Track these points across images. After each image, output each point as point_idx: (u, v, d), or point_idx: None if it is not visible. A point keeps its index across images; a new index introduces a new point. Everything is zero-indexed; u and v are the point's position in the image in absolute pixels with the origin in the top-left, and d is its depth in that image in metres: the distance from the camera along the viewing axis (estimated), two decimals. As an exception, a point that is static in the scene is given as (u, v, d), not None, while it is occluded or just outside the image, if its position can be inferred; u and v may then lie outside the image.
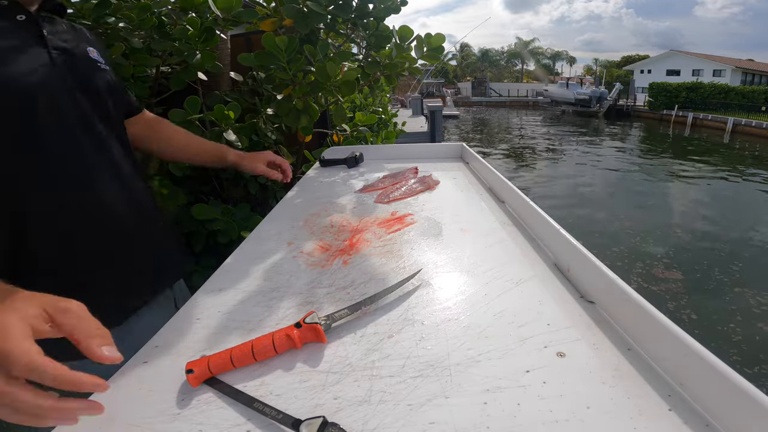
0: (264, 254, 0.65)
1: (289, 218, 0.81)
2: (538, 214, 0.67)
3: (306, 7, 1.09)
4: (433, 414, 0.34)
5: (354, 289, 0.54)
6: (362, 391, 0.36)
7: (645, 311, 0.40)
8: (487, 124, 23.69)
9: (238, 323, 0.47)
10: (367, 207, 0.86)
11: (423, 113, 11.00)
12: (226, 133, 1.22)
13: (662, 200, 8.23)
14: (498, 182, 0.91)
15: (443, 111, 7.93)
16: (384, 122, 2.88)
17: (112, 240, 0.66)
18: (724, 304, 4.22)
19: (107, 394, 0.38)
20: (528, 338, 0.42)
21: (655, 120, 22.95)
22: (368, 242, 0.68)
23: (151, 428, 0.34)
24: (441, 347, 0.42)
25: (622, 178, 10.11)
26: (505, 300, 0.50)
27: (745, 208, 7.77)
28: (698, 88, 21.91)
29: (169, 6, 1.18)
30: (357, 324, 0.46)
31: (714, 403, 0.32)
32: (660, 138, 17.51)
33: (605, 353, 0.40)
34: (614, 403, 0.34)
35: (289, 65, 1.11)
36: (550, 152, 13.73)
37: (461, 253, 0.63)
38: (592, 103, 27.57)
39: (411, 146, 1.37)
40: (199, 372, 0.38)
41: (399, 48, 1.25)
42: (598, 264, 0.48)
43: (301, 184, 1.08)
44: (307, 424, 0.32)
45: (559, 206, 7.56)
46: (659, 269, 4.98)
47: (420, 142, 5.63)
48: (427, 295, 0.52)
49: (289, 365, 0.40)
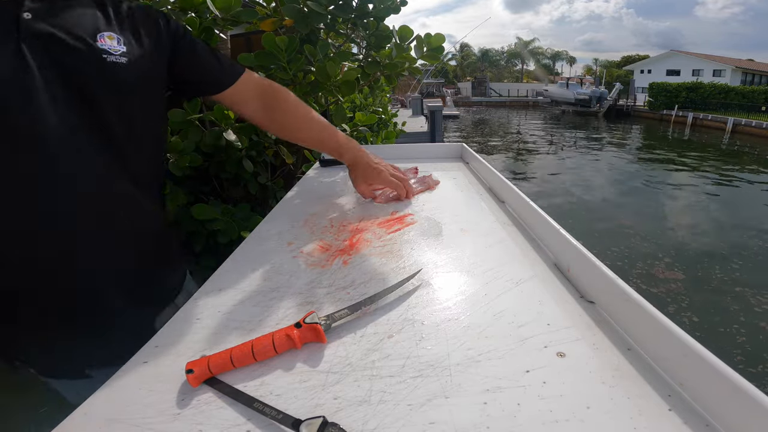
0: (264, 254, 0.65)
1: (289, 218, 0.81)
2: (538, 214, 0.67)
3: (306, 7, 1.09)
4: (433, 414, 0.34)
5: (354, 289, 0.54)
6: (362, 391, 0.36)
7: (645, 311, 0.40)
8: (487, 124, 23.68)
9: (238, 323, 0.47)
10: (367, 207, 0.86)
11: (423, 113, 11.01)
12: (226, 133, 1.22)
13: (662, 200, 8.22)
14: (498, 182, 0.91)
15: (443, 111, 7.93)
16: (384, 122, 2.88)
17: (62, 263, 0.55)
18: (725, 303, 4.22)
19: (107, 395, 0.38)
20: (528, 338, 0.42)
21: (655, 120, 22.96)
22: (368, 242, 0.68)
23: (151, 428, 0.34)
24: (441, 347, 0.42)
25: (621, 177, 10.11)
26: (505, 300, 0.50)
27: (745, 207, 7.77)
28: (698, 88, 21.92)
29: (168, 6, 1.18)
30: (357, 324, 0.46)
31: (714, 403, 0.32)
32: (660, 138, 17.51)
33: (605, 353, 0.40)
34: (614, 403, 0.34)
35: (289, 65, 1.11)
36: (550, 152, 13.72)
37: (461, 253, 0.63)
38: (592, 103, 27.58)
39: (411, 146, 1.36)
40: (199, 372, 0.38)
41: (399, 48, 1.25)
42: (598, 264, 0.48)
43: (301, 184, 1.08)
44: (307, 424, 0.32)
45: (558, 206, 7.56)
46: (659, 269, 4.98)
47: (420, 142, 5.63)
48: (427, 295, 0.52)
49: (289, 365, 0.40)
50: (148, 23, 0.63)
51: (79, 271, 0.56)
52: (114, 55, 0.56)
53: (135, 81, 0.58)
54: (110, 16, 0.58)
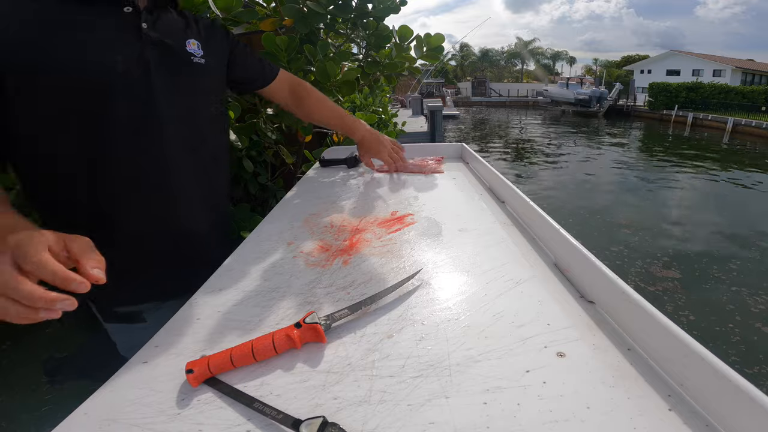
0: (264, 254, 0.65)
1: (289, 218, 0.81)
2: (538, 214, 0.67)
3: (306, 7, 1.09)
4: (433, 414, 0.34)
5: (354, 289, 0.54)
6: (362, 391, 0.36)
7: (645, 311, 0.40)
8: (487, 124, 23.70)
9: (238, 323, 0.47)
10: (367, 207, 0.86)
11: (423, 113, 11.01)
12: (226, 133, 1.22)
13: (662, 200, 8.23)
14: (498, 182, 0.91)
15: (443, 111, 7.93)
16: (384, 122, 2.88)
17: (176, 239, 0.71)
18: (722, 303, 4.22)
19: (107, 395, 0.38)
20: (528, 338, 0.42)
21: (655, 120, 22.96)
22: (368, 242, 0.68)
23: (151, 428, 0.34)
24: (441, 347, 0.42)
25: (621, 177, 10.11)
26: (505, 300, 0.50)
27: (745, 207, 7.78)
28: (698, 88, 21.92)
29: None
30: (357, 324, 0.46)
31: (714, 403, 0.32)
32: (660, 138, 17.52)
33: (605, 353, 0.40)
34: (614, 403, 0.34)
35: (289, 65, 1.11)
36: (550, 152, 13.73)
37: (461, 253, 0.63)
38: (592, 103, 27.57)
39: (411, 146, 1.36)
40: (199, 372, 0.38)
41: (399, 48, 1.25)
42: (598, 264, 0.48)
43: (301, 184, 1.08)
44: (307, 424, 0.32)
45: (558, 206, 7.57)
46: (657, 268, 4.98)
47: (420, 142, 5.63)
48: (427, 295, 0.52)
49: (289, 365, 0.40)
50: (215, 33, 0.78)
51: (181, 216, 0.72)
52: (197, 57, 0.70)
53: (211, 78, 0.75)
54: (191, 26, 0.73)
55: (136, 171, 0.65)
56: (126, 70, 0.60)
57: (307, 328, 0.42)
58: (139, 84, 0.62)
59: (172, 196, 0.69)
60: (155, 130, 0.65)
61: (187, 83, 0.69)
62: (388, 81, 1.41)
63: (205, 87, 0.74)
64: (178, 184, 0.69)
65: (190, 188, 0.71)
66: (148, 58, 0.62)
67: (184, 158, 0.69)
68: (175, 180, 0.69)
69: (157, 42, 0.64)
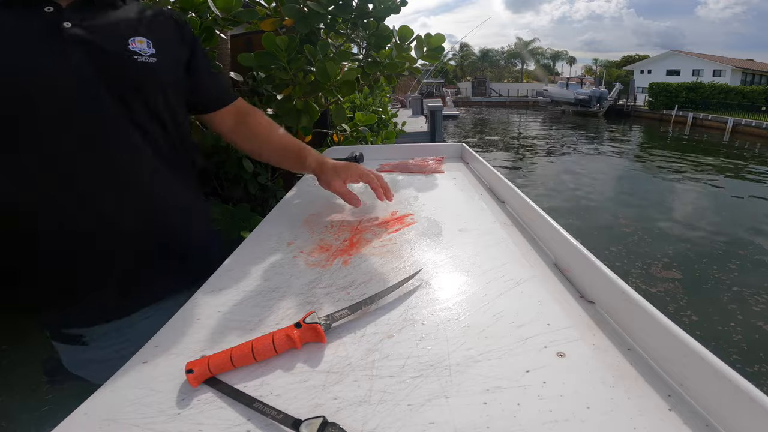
0: (264, 254, 0.65)
1: (289, 218, 0.81)
2: (538, 214, 0.67)
3: (306, 7, 1.09)
4: (433, 414, 0.34)
5: (354, 289, 0.54)
6: (362, 391, 0.36)
7: (645, 311, 0.40)
8: (487, 124, 23.69)
9: (238, 323, 0.47)
10: (367, 207, 0.86)
11: (423, 113, 11.01)
12: (226, 133, 1.22)
13: (661, 200, 8.23)
14: (498, 182, 0.91)
15: (443, 111, 7.93)
16: (384, 122, 2.89)
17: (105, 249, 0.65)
18: (723, 302, 4.22)
19: (107, 395, 0.38)
20: (528, 338, 0.42)
21: (655, 120, 22.96)
22: (368, 242, 0.68)
23: (151, 428, 0.34)
24: (441, 347, 0.42)
25: (621, 177, 10.11)
26: (505, 300, 0.50)
27: (745, 207, 7.78)
28: (698, 88, 21.92)
29: (168, 6, 1.18)
30: (357, 324, 0.46)
31: (714, 403, 0.32)
32: (660, 138, 17.52)
33: (605, 353, 0.40)
34: (614, 403, 0.34)
35: (289, 65, 1.11)
36: (550, 152, 13.73)
37: (461, 253, 0.63)
38: (592, 103, 27.57)
39: (411, 146, 1.37)
40: (199, 372, 0.38)
41: (399, 48, 1.25)
42: (598, 264, 0.48)
43: (301, 184, 1.08)
44: (307, 424, 0.32)
45: (558, 206, 7.57)
46: (657, 268, 4.98)
47: (420, 142, 5.63)
48: (427, 295, 0.52)
49: (289, 365, 0.40)
50: (172, 31, 0.72)
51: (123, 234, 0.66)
52: (143, 56, 0.65)
53: (163, 79, 0.68)
54: (141, 22, 0.67)
55: (71, 170, 0.60)
56: (44, 71, 0.57)
57: (307, 328, 0.42)
58: (62, 85, 0.58)
59: (116, 196, 0.64)
60: (88, 128, 0.60)
61: (127, 81, 0.64)
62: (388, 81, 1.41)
63: (154, 87, 0.67)
64: (120, 183, 0.64)
65: (136, 188, 0.66)
66: (71, 58, 0.59)
67: (127, 158, 0.64)
68: (118, 179, 0.64)
69: (83, 40, 0.60)
